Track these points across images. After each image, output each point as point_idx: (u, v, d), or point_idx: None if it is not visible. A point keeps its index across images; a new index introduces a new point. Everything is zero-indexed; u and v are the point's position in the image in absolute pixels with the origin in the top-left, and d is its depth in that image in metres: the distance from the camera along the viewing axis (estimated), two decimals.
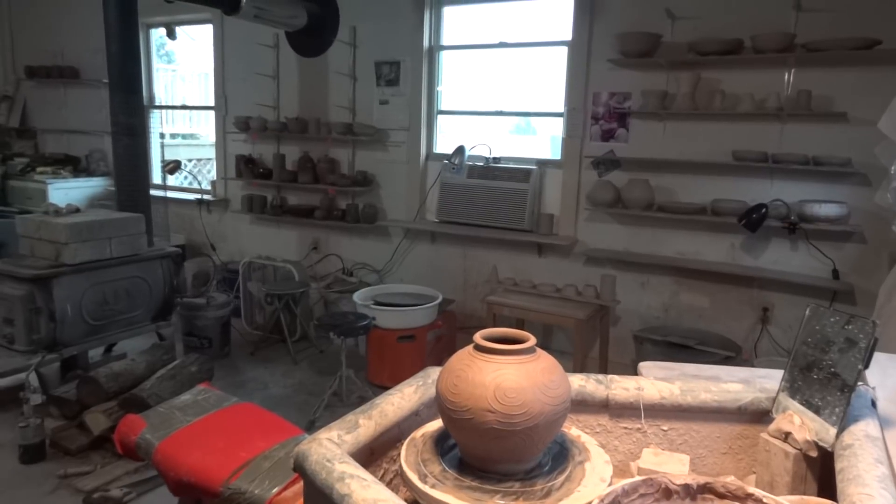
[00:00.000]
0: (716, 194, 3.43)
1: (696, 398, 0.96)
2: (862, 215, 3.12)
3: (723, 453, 0.98)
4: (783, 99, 3.20)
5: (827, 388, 0.83)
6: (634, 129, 3.66)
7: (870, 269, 3.10)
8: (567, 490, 0.75)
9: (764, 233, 3.31)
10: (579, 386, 0.98)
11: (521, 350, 0.77)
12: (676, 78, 3.46)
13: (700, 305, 3.63)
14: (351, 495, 0.66)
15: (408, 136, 4.37)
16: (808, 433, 0.83)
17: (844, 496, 0.68)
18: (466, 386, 0.75)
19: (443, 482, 0.75)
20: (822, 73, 3.15)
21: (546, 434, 0.75)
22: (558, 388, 0.76)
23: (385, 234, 4.57)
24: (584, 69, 3.74)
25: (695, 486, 0.65)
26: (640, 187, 3.57)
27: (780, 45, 3.09)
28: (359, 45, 4.43)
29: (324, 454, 0.75)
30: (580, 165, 3.83)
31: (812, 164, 3.10)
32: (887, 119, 2.40)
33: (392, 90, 4.37)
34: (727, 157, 3.34)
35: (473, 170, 4.06)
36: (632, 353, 3.65)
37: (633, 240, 3.75)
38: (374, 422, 0.86)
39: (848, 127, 3.10)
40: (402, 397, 0.92)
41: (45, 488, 2.50)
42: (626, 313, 3.83)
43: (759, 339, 3.45)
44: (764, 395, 0.94)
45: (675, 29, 3.45)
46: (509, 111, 4.29)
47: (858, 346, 0.81)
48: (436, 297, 3.76)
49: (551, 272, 3.96)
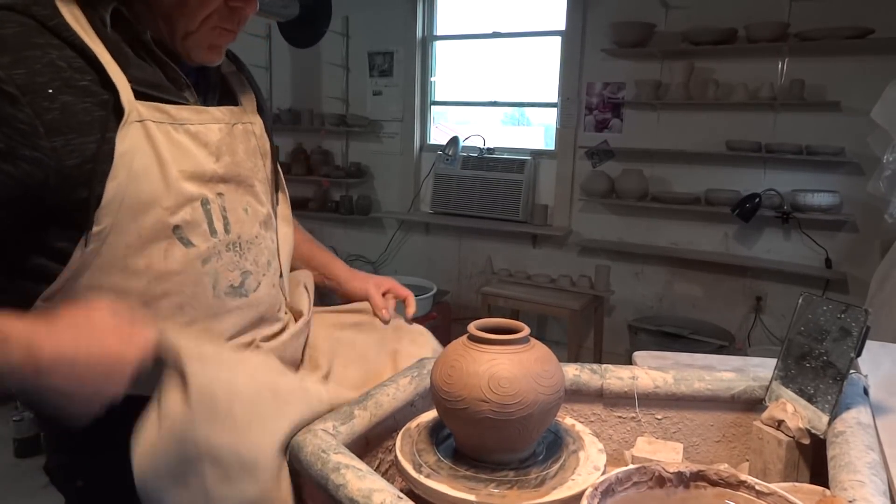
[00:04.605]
0: (709, 184, 3.43)
1: (690, 387, 0.96)
2: (854, 204, 3.14)
3: (716, 441, 0.98)
4: (776, 88, 3.20)
5: (820, 377, 0.84)
6: (628, 120, 3.66)
7: (862, 257, 3.12)
8: (561, 478, 0.75)
9: (757, 222, 3.32)
10: (574, 375, 0.98)
11: (516, 340, 0.77)
12: (670, 68, 3.45)
13: (694, 295, 3.64)
14: (346, 485, 0.67)
15: (401, 126, 4.35)
16: (801, 421, 0.83)
17: (836, 482, 0.69)
18: (461, 376, 0.75)
19: (438, 472, 0.76)
20: (815, 62, 3.15)
21: (540, 423, 0.76)
22: (552, 378, 0.76)
23: (379, 226, 4.56)
24: (578, 59, 3.73)
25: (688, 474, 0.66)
26: (634, 177, 3.57)
27: (773, 35, 3.09)
28: (352, 35, 4.40)
29: (319, 445, 0.75)
30: (574, 156, 3.83)
31: (805, 153, 3.11)
32: (880, 108, 2.40)
33: (385, 81, 4.35)
34: (721, 146, 3.34)
35: (468, 161, 4.05)
36: (626, 342, 3.67)
37: (627, 230, 3.76)
38: (369, 412, 0.86)
39: (841, 116, 3.10)
40: (397, 388, 0.92)
41: (39, 482, 2.49)
42: (620, 303, 3.84)
43: (753, 329, 3.47)
44: (757, 383, 0.95)
45: (668, 18, 3.44)
46: (503, 101, 4.28)
47: (852, 336, 0.81)
48: (430, 289, 3.76)
49: (546, 263, 3.97)
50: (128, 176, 0.75)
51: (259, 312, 0.92)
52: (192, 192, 0.81)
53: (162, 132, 0.79)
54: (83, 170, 0.73)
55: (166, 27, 0.80)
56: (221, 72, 0.95)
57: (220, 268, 0.85)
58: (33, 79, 0.70)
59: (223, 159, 0.87)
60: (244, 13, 0.83)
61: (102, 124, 0.74)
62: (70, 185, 0.73)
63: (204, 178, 0.84)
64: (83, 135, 0.73)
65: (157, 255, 0.79)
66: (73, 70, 0.73)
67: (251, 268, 0.90)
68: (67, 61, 0.72)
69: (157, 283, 0.79)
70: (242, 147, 0.91)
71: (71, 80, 0.72)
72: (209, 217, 0.84)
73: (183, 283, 0.81)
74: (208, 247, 0.83)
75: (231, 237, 0.87)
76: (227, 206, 0.87)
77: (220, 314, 0.86)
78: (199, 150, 0.83)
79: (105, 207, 0.74)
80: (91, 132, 0.73)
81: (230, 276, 0.87)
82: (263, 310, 0.93)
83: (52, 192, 0.73)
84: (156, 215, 0.78)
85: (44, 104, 0.70)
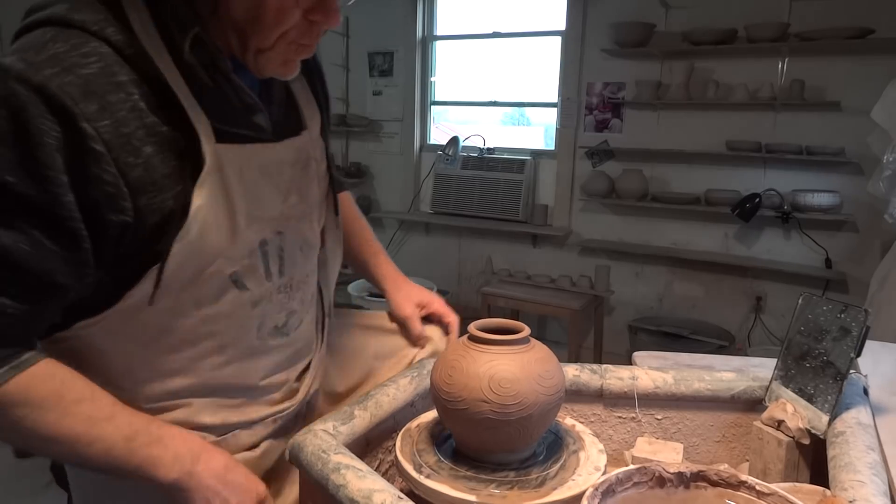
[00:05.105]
0: (709, 184, 3.43)
1: (690, 387, 0.96)
2: (854, 204, 3.13)
3: (716, 441, 0.98)
4: (777, 88, 3.20)
5: (820, 377, 0.84)
6: (628, 120, 3.66)
7: (862, 257, 3.12)
8: (561, 479, 0.75)
9: (757, 222, 3.32)
10: (574, 376, 0.98)
11: (516, 340, 0.77)
12: (670, 68, 3.45)
13: (694, 295, 3.64)
14: (346, 486, 0.67)
15: (401, 126, 4.35)
16: (801, 421, 0.83)
17: (836, 483, 0.69)
18: (461, 376, 0.75)
19: (438, 472, 0.76)
20: (815, 62, 3.15)
21: (540, 424, 0.76)
22: (553, 378, 0.76)
23: (379, 226, 4.56)
24: (578, 59, 3.73)
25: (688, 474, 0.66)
26: (634, 177, 3.57)
27: (773, 35, 3.08)
28: (352, 35, 4.40)
29: (319, 445, 0.75)
30: (574, 156, 3.83)
31: (805, 153, 3.11)
32: (880, 108, 2.40)
33: (385, 81, 4.35)
34: (721, 146, 3.34)
35: (468, 161, 4.05)
36: (626, 343, 3.67)
37: (627, 230, 3.76)
38: (369, 413, 0.86)
39: (841, 116, 3.10)
40: (398, 388, 0.92)
41: (40, 482, 2.50)
42: (620, 303, 3.84)
43: (753, 329, 3.47)
44: (757, 383, 0.95)
45: (668, 18, 3.44)
46: (503, 101, 4.28)
47: (852, 335, 0.81)
48: (430, 289, 3.75)
49: (546, 263, 3.97)
50: (199, 231, 0.71)
51: (296, 349, 0.91)
52: (254, 238, 0.78)
53: (236, 176, 0.75)
54: (160, 226, 0.70)
55: (238, 42, 0.73)
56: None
57: (268, 310, 0.83)
58: (119, 130, 0.64)
59: (290, 199, 0.83)
60: (324, 27, 0.74)
61: (181, 176, 0.70)
62: (147, 240, 0.70)
63: (268, 221, 0.81)
64: (163, 191, 0.69)
65: (211, 297, 0.76)
66: (153, 113, 0.67)
67: (297, 307, 0.88)
68: (147, 100, 0.67)
69: (204, 324, 0.77)
70: (305, 182, 0.87)
71: (153, 126, 0.67)
72: (266, 262, 0.81)
73: (229, 324, 0.79)
74: (261, 291, 0.81)
75: (284, 280, 0.84)
76: (285, 247, 0.83)
77: (258, 354, 0.84)
78: (269, 192, 0.80)
79: (171, 258, 0.71)
80: (169, 187, 0.69)
81: (276, 317, 0.84)
82: (301, 346, 0.92)
83: (129, 245, 0.70)
84: (217, 266, 0.75)
85: (129, 160, 0.65)
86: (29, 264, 0.63)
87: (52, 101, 0.61)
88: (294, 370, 0.92)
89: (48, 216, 0.63)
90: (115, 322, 0.73)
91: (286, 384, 0.90)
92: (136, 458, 0.71)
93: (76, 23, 0.64)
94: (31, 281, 0.64)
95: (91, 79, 0.63)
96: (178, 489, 0.73)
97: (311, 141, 0.89)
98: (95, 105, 0.63)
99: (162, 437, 0.73)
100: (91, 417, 0.69)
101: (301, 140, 0.87)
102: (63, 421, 0.67)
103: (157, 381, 0.77)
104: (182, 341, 0.77)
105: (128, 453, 0.71)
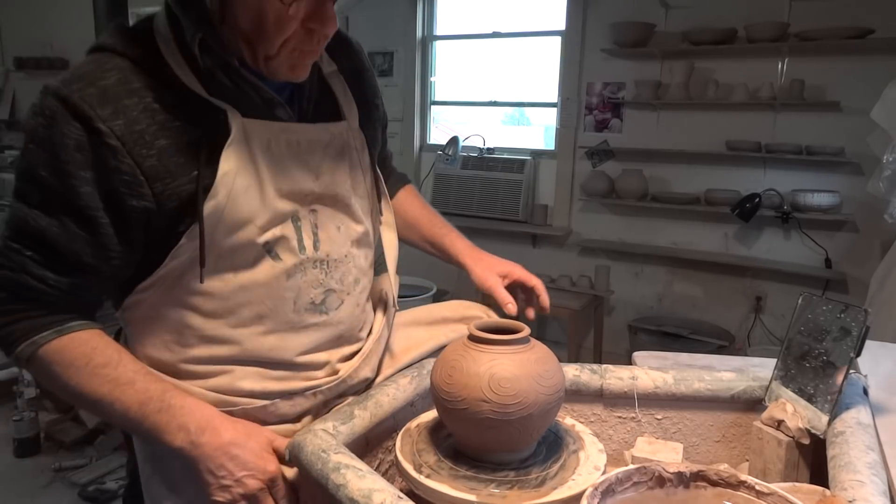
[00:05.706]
0: (709, 184, 3.43)
1: (690, 387, 0.96)
2: (854, 204, 3.13)
3: (716, 441, 0.98)
4: (776, 88, 3.20)
5: (820, 377, 0.84)
6: (628, 120, 3.66)
7: (862, 257, 3.12)
8: (561, 479, 0.75)
9: (757, 222, 3.32)
10: (574, 375, 0.98)
11: (516, 340, 0.77)
12: (670, 68, 3.45)
13: (694, 295, 3.64)
14: (346, 485, 0.67)
15: (401, 126, 4.35)
16: (801, 421, 0.83)
17: (836, 482, 0.69)
18: (461, 376, 0.75)
19: (438, 472, 0.76)
20: (815, 62, 3.15)
21: (540, 423, 0.76)
22: (553, 378, 0.76)
23: None
24: (578, 59, 3.73)
25: (688, 474, 0.66)
26: (634, 177, 3.57)
27: (773, 35, 3.09)
28: (352, 35, 4.38)
29: (319, 445, 0.75)
30: (574, 156, 3.83)
31: (805, 153, 3.11)
32: (880, 108, 2.41)
33: (385, 80, 4.34)
34: (721, 146, 3.34)
35: (467, 160, 4.05)
36: (626, 342, 3.67)
37: (627, 230, 3.76)
38: (369, 412, 0.86)
39: (841, 116, 3.10)
40: (398, 388, 0.92)
41: (39, 482, 2.50)
42: (620, 303, 3.84)
43: (753, 328, 3.47)
44: (757, 383, 0.95)
45: (668, 18, 3.44)
46: (503, 101, 4.28)
47: (852, 335, 0.81)
48: (430, 288, 3.76)
49: (546, 263, 3.97)
50: (228, 195, 0.78)
51: (339, 331, 0.93)
52: (285, 209, 0.83)
53: (263, 147, 0.81)
54: (180, 210, 0.78)
55: (248, 50, 0.80)
56: (322, 73, 0.94)
57: (303, 284, 0.87)
58: (132, 128, 0.74)
59: (323, 179, 0.88)
60: (322, 33, 0.80)
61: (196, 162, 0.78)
62: (172, 221, 0.78)
63: (300, 196, 0.85)
64: (178, 177, 0.77)
65: (245, 265, 0.82)
66: (166, 111, 0.76)
67: (336, 286, 0.91)
68: (161, 101, 0.76)
69: (240, 292, 0.83)
70: (342, 166, 0.91)
71: (165, 122, 0.76)
72: (299, 234, 0.85)
73: (265, 294, 0.84)
74: (294, 263, 0.85)
75: (319, 255, 0.88)
76: (319, 224, 0.88)
77: (298, 328, 0.88)
78: (298, 168, 0.84)
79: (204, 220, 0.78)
80: (184, 174, 0.77)
81: (312, 292, 0.88)
82: (343, 329, 0.93)
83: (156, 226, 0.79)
84: (249, 232, 0.81)
85: (142, 152, 0.75)
86: (61, 244, 0.75)
87: (75, 109, 0.73)
88: (337, 352, 0.94)
89: (70, 205, 0.74)
90: (166, 286, 0.82)
91: (327, 365, 0.93)
92: (147, 422, 0.79)
93: (108, 46, 0.78)
94: (64, 259, 0.76)
95: (108, 88, 0.74)
96: (185, 456, 0.81)
97: (349, 131, 0.93)
98: (110, 109, 0.74)
99: (172, 407, 0.80)
100: (113, 380, 0.78)
101: (338, 127, 0.92)
102: (90, 380, 0.78)
103: (202, 346, 0.85)
104: (224, 309, 0.83)
105: (141, 417, 0.79)
